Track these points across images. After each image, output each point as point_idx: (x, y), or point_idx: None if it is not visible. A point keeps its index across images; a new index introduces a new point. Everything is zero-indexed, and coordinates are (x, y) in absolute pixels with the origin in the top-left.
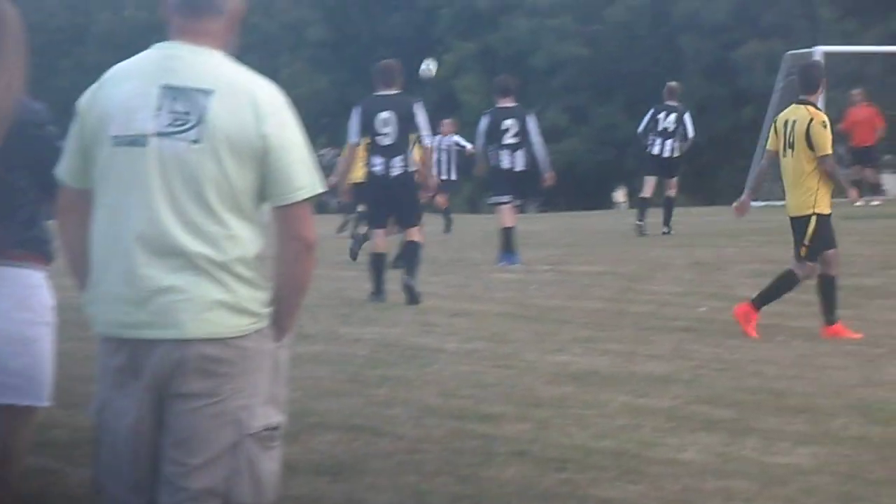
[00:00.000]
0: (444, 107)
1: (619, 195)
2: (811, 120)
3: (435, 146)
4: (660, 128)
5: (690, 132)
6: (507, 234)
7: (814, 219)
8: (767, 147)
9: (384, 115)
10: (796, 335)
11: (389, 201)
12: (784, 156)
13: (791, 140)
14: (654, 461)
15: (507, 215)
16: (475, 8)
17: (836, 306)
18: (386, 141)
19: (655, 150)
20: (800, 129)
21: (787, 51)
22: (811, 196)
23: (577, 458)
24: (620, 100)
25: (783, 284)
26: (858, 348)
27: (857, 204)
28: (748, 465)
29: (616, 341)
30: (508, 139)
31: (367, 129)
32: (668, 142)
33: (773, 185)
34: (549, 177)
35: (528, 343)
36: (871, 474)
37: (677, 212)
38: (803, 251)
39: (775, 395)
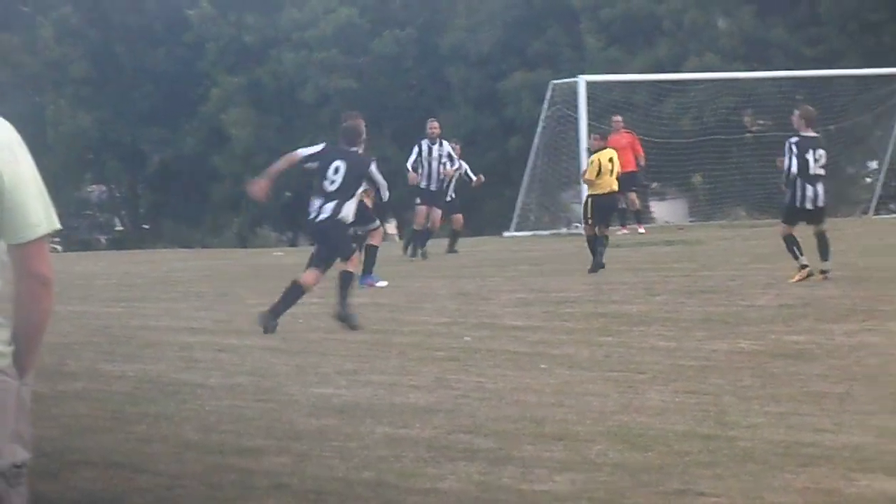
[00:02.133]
0: (213, 141)
1: (390, 227)
2: None
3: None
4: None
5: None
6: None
7: None
8: None
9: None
10: (558, 363)
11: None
12: None
13: None
14: (413, 491)
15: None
16: (242, 42)
17: None
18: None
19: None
20: None
21: (554, 80)
22: None
23: (337, 490)
24: (389, 132)
25: None
26: (620, 375)
27: (622, 232)
28: (506, 494)
29: (379, 372)
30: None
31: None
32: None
33: (539, 215)
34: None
35: (291, 376)
36: (627, 500)
37: (443, 242)
38: None
39: (535, 422)
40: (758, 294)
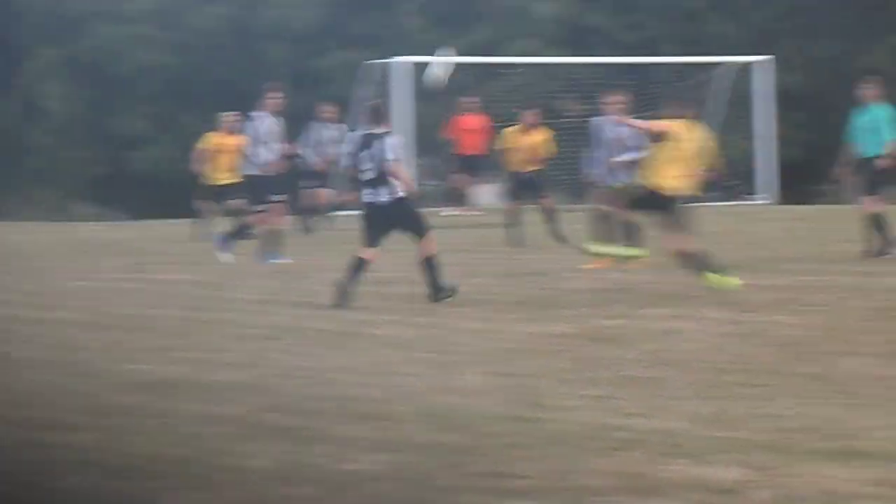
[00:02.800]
0: (28, 114)
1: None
2: None
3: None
4: None
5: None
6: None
7: None
8: None
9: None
10: (375, 343)
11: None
12: None
13: None
14: (222, 469)
15: None
16: (59, 13)
17: None
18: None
19: None
20: None
21: (371, 60)
22: None
23: (144, 467)
24: (206, 108)
25: None
26: (434, 356)
27: (452, 214)
28: (316, 472)
29: (191, 350)
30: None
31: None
32: None
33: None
34: None
35: (101, 352)
36: (438, 480)
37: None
38: None
39: (348, 401)
40: (574, 278)
